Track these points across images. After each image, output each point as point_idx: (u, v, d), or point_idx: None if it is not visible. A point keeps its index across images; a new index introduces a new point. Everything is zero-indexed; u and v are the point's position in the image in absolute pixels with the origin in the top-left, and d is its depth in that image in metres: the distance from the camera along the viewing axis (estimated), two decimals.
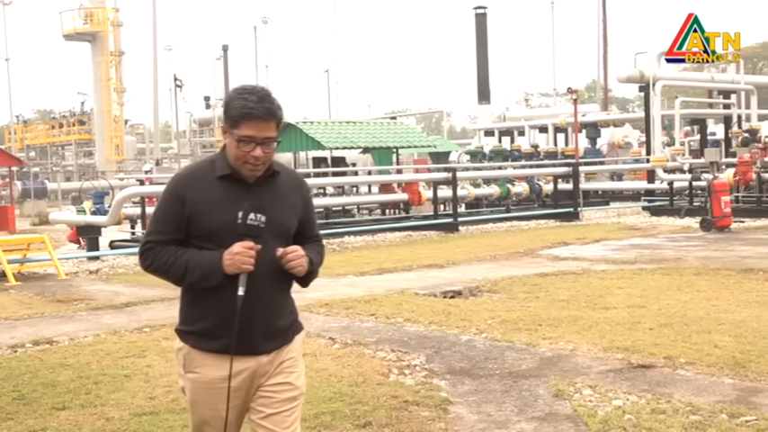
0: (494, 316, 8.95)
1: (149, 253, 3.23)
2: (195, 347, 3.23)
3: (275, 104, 3.15)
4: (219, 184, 3.18)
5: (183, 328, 3.30)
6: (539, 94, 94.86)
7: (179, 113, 56.53)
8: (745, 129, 27.01)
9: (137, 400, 6.18)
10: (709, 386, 6.08)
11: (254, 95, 3.11)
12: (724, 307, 9.10)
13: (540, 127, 39.19)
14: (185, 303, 3.31)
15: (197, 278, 3.14)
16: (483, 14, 48.07)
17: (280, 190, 3.26)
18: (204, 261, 3.12)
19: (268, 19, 61.49)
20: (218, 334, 3.16)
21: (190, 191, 3.17)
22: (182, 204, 3.16)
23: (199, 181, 3.20)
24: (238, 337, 3.12)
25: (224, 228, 3.10)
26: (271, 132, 3.14)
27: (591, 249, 15.52)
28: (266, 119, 3.11)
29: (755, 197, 22.33)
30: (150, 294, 11.44)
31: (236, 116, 3.12)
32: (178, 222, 3.18)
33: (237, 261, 3.06)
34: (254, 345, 3.21)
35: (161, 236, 3.21)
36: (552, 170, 26.13)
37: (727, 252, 14.32)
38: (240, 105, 3.10)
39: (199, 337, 3.22)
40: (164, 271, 3.22)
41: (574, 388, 6.11)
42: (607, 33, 55.58)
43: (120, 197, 17.01)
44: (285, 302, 3.34)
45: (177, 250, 3.18)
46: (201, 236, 3.16)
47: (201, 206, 3.15)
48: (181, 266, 3.15)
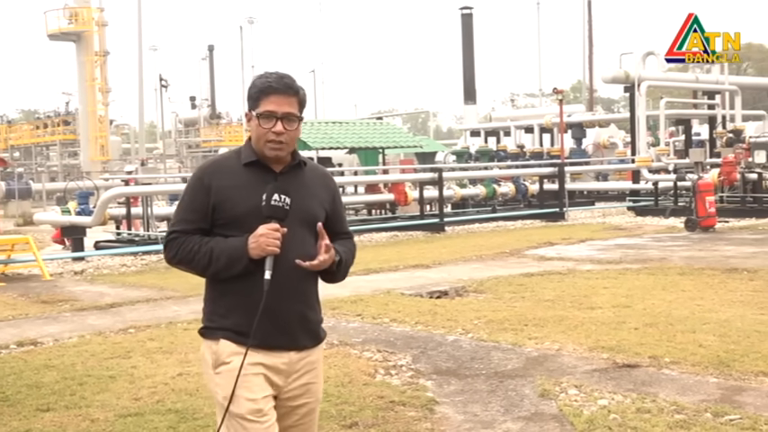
0: (480, 316, 8.96)
1: (173, 243, 3.11)
2: (226, 338, 3.07)
3: (296, 82, 3.11)
4: (245, 171, 3.10)
5: (212, 324, 3.14)
6: (524, 94, 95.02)
7: (164, 113, 56.49)
8: (729, 129, 27.15)
9: (122, 401, 6.16)
10: (693, 385, 6.11)
11: (275, 74, 3.11)
12: (708, 306, 9.15)
13: (525, 127, 39.27)
14: (212, 298, 3.16)
15: (222, 266, 3.02)
16: (469, 15, 48.16)
17: (306, 180, 3.17)
18: (229, 247, 3.01)
19: (254, 19, 61.22)
20: (248, 327, 2.99)
21: (215, 179, 3.09)
22: (206, 192, 3.08)
23: (224, 169, 3.13)
24: (269, 329, 3.00)
25: (249, 214, 3.01)
26: (292, 108, 3.07)
27: (576, 249, 15.56)
28: (286, 92, 3.06)
29: (740, 197, 22.47)
30: (135, 295, 11.41)
31: (256, 94, 3.08)
32: (203, 211, 3.09)
33: (263, 243, 2.95)
34: (286, 339, 3.08)
35: (186, 225, 3.11)
36: (538, 170, 26.19)
37: (711, 252, 14.39)
38: (260, 83, 3.08)
39: (228, 331, 3.07)
40: (188, 261, 3.10)
41: (559, 388, 6.13)
42: (592, 34, 55.79)
43: (105, 198, 16.94)
44: (315, 294, 3.21)
45: (202, 239, 3.07)
46: (227, 224, 3.06)
47: (227, 193, 3.06)
48: (205, 254, 3.04)
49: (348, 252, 3.25)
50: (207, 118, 56.98)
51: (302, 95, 3.11)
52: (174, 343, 8.09)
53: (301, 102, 3.11)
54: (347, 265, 3.25)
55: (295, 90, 3.08)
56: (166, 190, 20.81)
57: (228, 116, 58.34)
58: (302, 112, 3.13)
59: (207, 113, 56.94)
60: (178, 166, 46.37)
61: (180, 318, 9.47)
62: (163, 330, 8.81)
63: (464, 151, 35.37)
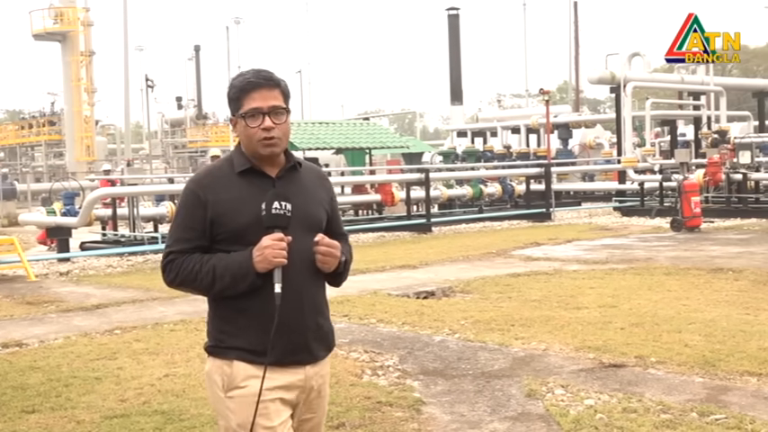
0: (467, 316, 8.97)
1: (172, 265, 2.93)
2: (239, 359, 2.88)
3: (275, 74, 2.96)
4: (241, 180, 2.93)
5: (222, 344, 2.94)
6: (511, 95, 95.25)
7: (150, 114, 56.19)
8: (714, 130, 27.26)
9: (108, 402, 6.13)
10: (679, 385, 6.13)
11: (251, 71, 2.98)
12: (694, 306, 9.19)
13: (512, 128, 39.38)
14: (220, 318, 2.97)
15: (227, 283, 2.85)
16: (456, 16, 48.22)
17: (304, 183, 3.03)
18: (233, 263, 2.84)
19: (240, 19, 61.16)
20: (263, 346, 2.81)
21: (210, 192, 2.91)
22: (203, 207, 2.90)
23: (218, 180, 2.95)
24: (286, 346, 2.85)
25: (251, 226, 2.84)
26: (276, 101, 2.91)
27: (563, 249, 15.60)
28: (267, 86, 2.91)
29: (725, 197, 22.57)
30: (121, 296, 11.37)
31: (236, 94, 2.93)
32: (201, 228, 2.91)
33: (268, 255, 2.78)
34: (304, 351, 2.92)
35: (183, 244, 2.92)
36: (524, 171, 26.25)
37: (697, 252, 14.45)
38: (239, 82, 2.94)
39: (241, 351, 2.88)
40: (190, 282, 2.91)
41: (546, 388, 6.14)
42: (578, 35, 56.04)
43: (90, 198, 16.87)
44: (326, 302, 3.06)
45: (202, 257, 2.89)
46: (227, 238, 2.89)
47: (225, 206, 2.89)
48: (208, 273, 2.86)
49: (347, 253, 3.12)
50: (193, 118, 56.81)
51: (284, 86, 2.98)
52: (161, 344, 8.07)
53: (285, 93, 2.97)
54: (349, 266, 3.13)
55: (276, 82, 2.95)
56: (152, 191, 20.75)
57: (215, 116, 58.17)
58: (288, 104, 2.99)
59: (193, 114, 56.77)
60: (164, 167, 46.25)
61: (166, 319, 9.44)
62: (149, 331, 8.78)
63: (451, 152, 35.39)
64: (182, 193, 3.05)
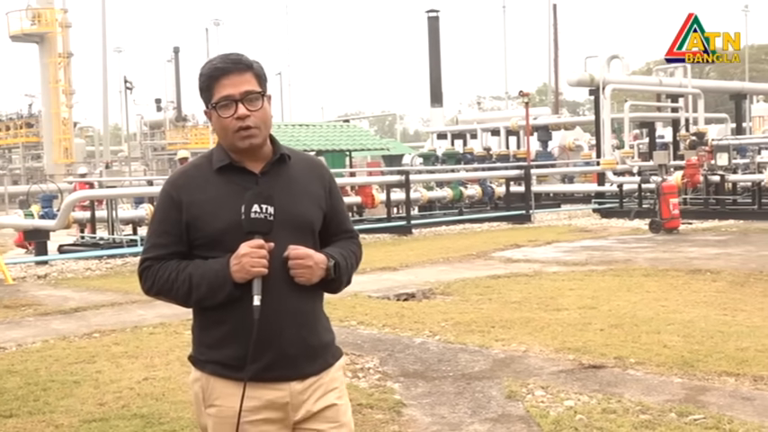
0: (447, 318, 8.98)
1: (148, 273, 2.69)
2: (215, 375, 2.68)
3: (244, 56, 2.70)
4: (219, 178, 2.67)
5: (200, 356, 2.73)
6: (491, 97, 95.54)
7: (129, 116, 55.98)
8: (692, 132, 27.45)
9: (86, 406, 6.09)
10: (658, 385, 6.17)
11: (219, 56, 2.71)
12: (673, 307, 9.24)
13: (492, 130, 39.46)
14: (198, 327, 2.76)
15: (204, 293, 2.61)
16: (435, 18, 48.33)
17: (294, 177, 2.74)
18: (209, 271, 2.59)
19: (220, 21, 61.19)
20: (240, 361, 2.60)
21: (184, 192, 2.67)
22: (178, 210, 2.66)
23: (194, 179, 2.70)
24: (264, 362, 2.61)
25: (230, 230, 2.59)
26: (249, 85, 2.64)
27: (543, 251, 15.65)
28: (237, 70, 2.64)
29: (703, 199, 22.74)
30: (100, 299, 11.31)
31: (206, 82, 2.67)
32: (177, 232, 2.67)
33: (246, 264, 2.53)
34: (285, 367, 2.65)
35: (159, 250, 2.69)
36: (504, 173, 26.31)
37: (675, 253, 14.54)
38: (206, 69, 2.68)
39: (217, 365, 2.67)
40: (167, 291, 2.68)
41: (526, 389, 6.16)
42: (558, 38, 56.31)
43: (69, 200, 16.74)
44: (317, 314, 2.78)
45: (179, 264, 2.65)
46: (205, 244, 2.65)
47: (200, 208, 2.64)
48: (184, 282, 2.62)
49: (349, 253, 2.83)
50: (173, 120, 56.55)
51: (258, 68, 2.69)
52: (140, 347, 8.02)
53: (259, 75, 2.69)
54: (350, 268, 2.82)
55: (246, 64, 2.67)
56: (131, 193, 20.63)
57: (194, 119, 57.91)
58: (264, 88, 2.70)
59: (173, 116, 56.51)
60: (143, 169, 46.02)
61: (145, 322, 9.39)
62: (128, 335, 8.73)
63: (431, 154, 35.42)
64: (158, 195, 2.83)
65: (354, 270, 2.87)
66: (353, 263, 2.85)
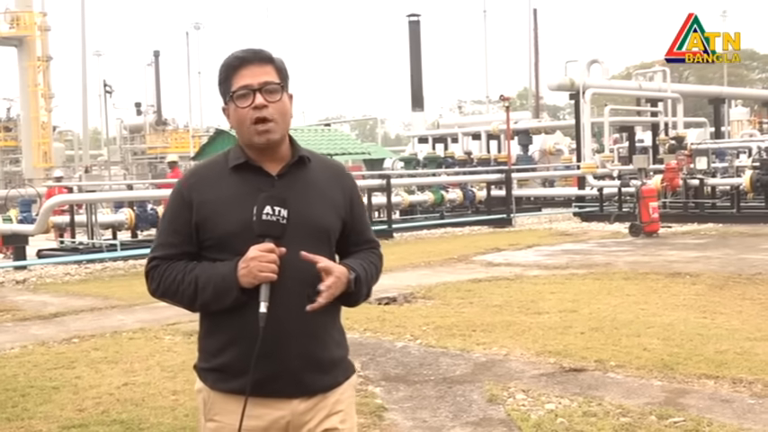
0: (428, 322, 8.98)
1: (155, 273, 2.58)
2: (214, 388, 2.56)
3: (266, 51, 2.60)
4: (234, 178, 2.55)
5: (202, 364, 2.61)
6: (472, 101, 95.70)
7: (109, 120, 55.68)
8: (671, 136, 27.62)
9: (65, 412, 6.05)
10: (638, 388, 6.19)
11: (241, 49, 2.61)
12: (652, 310, 9.29)
13: (473, 134, 39.53)
14: (202, 333, 2.63)
15: (209, 297, 2.48)
16: (416, 22, 48.32)
17: (313, 181, 2.60)
18: (216, 275, 2.47)
19: (200, 24, 61.01)
20: (239, 369, 2.47)
21: (196, 191, 2.55)
22: (188, 209, 2.54)
23: (207, 178, 2.58)
24: (265, 373, 2.46)
25: (239, 233, 2.46)
26: (269, 76, 2.53)
27: (523, 255, 15.69)
28: (258, 61, 2.54)
29: (682, 203, 22.89)
30: (79, 304, 11.23)
31: (224, 72, 2.57)
32: (187, 232, 2.55)
33: (254, 269, 2.40)
34: (288, 381, 2.51)
35: (168, 249, 2.57)
36: (485, 177, 26.37)
37: (655, 257, 14.61)
38: (227, 60, 2.58)
39: (218, 374, 2.55)
40: (172, 293, 2.55)
41: (507, 392, 6.17)
42: (538, 42, 56.57)
43: (47, 205, 16.64)
44: (328, 327, 2.62)
45: (186, 266, 2.53)
46: (214, 246, 2.52)
47: (211, 208, 2.52)
48: (190, 284, 2.50)
49: (369, 265, 2.68)
50: (153, 124, 56.40)
51: (279, 63, 2.59)
52: (120, 352, 7.98)
53: (280, 69, 2.58)
54: (370, 281, 2.68)
55: (267, 56, 2.57)
56: (111, 197, 20.52)
57: (175, 122, 57.79)
58: (286, 84, 2.59)
59: (153, 120, 56.35)
60: (123, 173, 45.77)
61: (125, 327, 9.34)
62: (108, 340, 8.68)
63: (412, 158, 35.42)
64: (171, 192, 2.72)
65: (375, 282, 2.73)
66: (374, 274, 2.71)
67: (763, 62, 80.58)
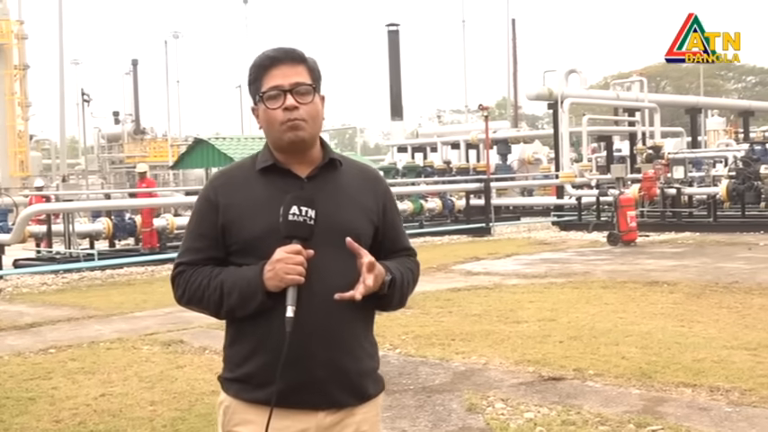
0: (407, 331, 8.98)
1: (180, 279, 2.47)
2: (237, 397, 2.44)
3: (299, 50, 2.51)
4: (262, 180, 2.46)
5: (226, 374, 2.49)
6: (451, 110, 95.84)
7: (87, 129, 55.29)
8: (649, 145, 27.81)
9: (42, 423, 5.99)
10: (617, 397, 6.21)
11: (273, 48, 2.51)
12: (631, 319, 9.33)
13: (452, 143, 39.66)
14: (228, 342, 2.51)
15: (235, 302, 2.37)
16: (395, 32, 48.43)
17: (344, 185, 2.50)
18: (242, 278, 2.37)
19: (179, 33, 60.83)
20: (265, 379, 2.35)
21: (222, 194, 2.46)
22: (215, 212, 2.45)
23: (234, 180, 2.50)
24: (289, 382, 2.34)
25: (267, 236, 2.36)
26: (300, 77, 2.44)
27: (502, 264, 15.73)
28: (289, 60, 2.45)
29: (659, 212, 23.05)
30: (56, 314, 11.14)
31: (255, 72, 2.48)
32: (213, 236, 2.46)
33: (280, 271, 2.29)
34: (313, 391, 2.38)
35: (194, 254, 2.47)
36: (464, 186, 26.45)
37: (633, 265, 14.69)
38: (258, 59, 2.49)
39: (242, 384, 2.42)
40: (198, 300, 2.44)
41: (486, 401, 6.17)
42: (517, 52, 56.83)
43: (24, 214, 16.50)
44: (359, 337, 2.49)
45: (212, 271, 2.43)
46: (240, 250, 2.43)
47: (237, 211, 2.43)
48: (216, 290, 2.40)
49: (406, 270, 2.57)
50: (131, 133, 56.07)
51: (311, 63, 2.51)
52: (97, 363, 7.92)
53: (312, 70, 2.50)
54: (406, 287, 2.56)
55: (300, 56, 2.48)
56: (88, 207, 20.39)
57: (153, 132, 57.50)
58: (318, 85, 2.50)
59: (131, 129, 56.03)
60: (101, 183, 45.51)
61: (102, 337, 9.27)
62: (85, 350, 8.61)
63: (391, 167, 35.43)
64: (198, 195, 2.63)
65: (410, 291, 2.60)
66: (410, 281, 2.59)
67: (739, 72, 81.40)
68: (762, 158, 23.05)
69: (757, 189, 21.47)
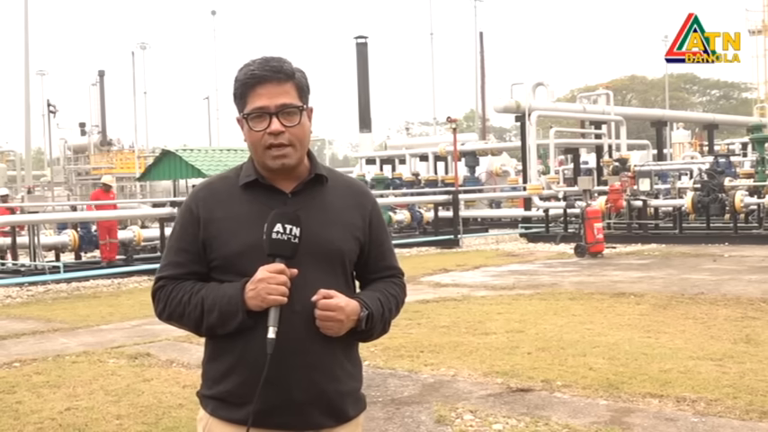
0: (376, 343, 8.92)
1: (161, 294, 2.41)
2: (214, 416, 2.39)
3: (287, 64, 2.38)
4: (244, 195, 2.39)
5: (204, 391, 2.45)
6: (419, 122, 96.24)
7: (53, 140, 54.88)
8: (615, 158, 28.06)
9: None
10: (584, 408, 6.24)
11: (260, 59, 2.38)
12: (598, 330, 9.39)
13: (420, 155, 39.74)
14: (206, 358, 2.46)
15: (215, 320, 2.31)
16: (364, 44, 48.53)
17: (329, 201, 2.43)
18: (222, 296, 2.30)
19: (146, 44, 60.23)
20: (242, 398, 2.31)
21: (204, 207, 2.39)
22: (197, 224, 2.38)
23: (216, 194, 2.42)
24: (268, 403, 2.29)
25: (248, 253, 2.30)
26: (287, 98, 2.34)
27: (471, 276, 15.77)
28: (276, 80, 2.34)
29: (626, 224, 23.26)
30: (21, 327, 10.99)
31: (240, 89, 2.37)
32: (195, 249, 2.39)
33: (262, 291, 2.24)
34: (290, 413, 2.33)
35: (175, 269, 2.41)
36: (433, 198, 26.51)
37: (600, 277, 14.79)
38: (242, 74, 2.37)
39: (219, 402, 2.38)
40: (179, 316, 2.38)
41: (455, 413, 6.18)
42: (484, 65, 57.17)
43: None
44: (339, 358, 2.42)
45: (194, 286, 2.37)
46: (221, 266, 2.36)
47: (218, 226, 2.36)
48: (196, 306, 2.34)
49: (388, 297, 2.53)
50: (97, 145, 55.64)
51: (299, 78, 2.40)
52: (62, 377, 7.82)
53: (300, 87, 2.39)
54: (387, 316, 2.53)
55: (287, 73, 2.37)
56: (54, 219, 20.18)
57: (120, 143, 57.07)
58: (306, 101, 2.41)
59: (97, 140, 55.59)
60: (67, 194, 45.08)
61: (68, 350, 9.16)
62: (50, 364, 8.50)
63: (360, 179, 35.47)
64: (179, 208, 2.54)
65: (394, 316, 2.57)
66: (393, 308, 2.55)
67: (704, 86, 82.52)
68: (726, 171, 23.39)
69: (722, 201, 21.74)
